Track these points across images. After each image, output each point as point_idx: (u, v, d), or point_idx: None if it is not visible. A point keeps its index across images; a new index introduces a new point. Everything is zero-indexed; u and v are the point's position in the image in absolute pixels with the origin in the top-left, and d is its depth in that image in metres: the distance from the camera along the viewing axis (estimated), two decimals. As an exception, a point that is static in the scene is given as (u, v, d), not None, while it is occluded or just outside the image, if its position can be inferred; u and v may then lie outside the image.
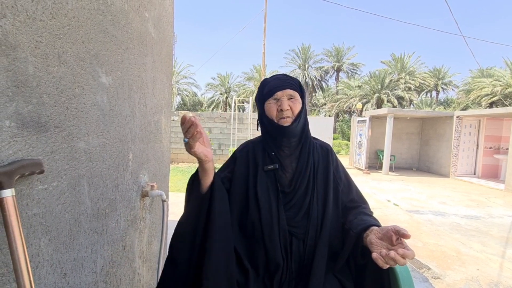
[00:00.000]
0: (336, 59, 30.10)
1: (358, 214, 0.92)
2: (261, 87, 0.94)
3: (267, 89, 0.91)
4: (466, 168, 8.72)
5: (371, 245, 0.75)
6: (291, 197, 0.90)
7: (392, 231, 0.72)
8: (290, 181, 0.92)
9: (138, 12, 1.07)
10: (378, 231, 0.77)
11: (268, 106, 0.91)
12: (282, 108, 0.87)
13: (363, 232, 0.81)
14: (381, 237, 0.75)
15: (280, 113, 0.88)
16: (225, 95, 30.36)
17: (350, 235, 0.85)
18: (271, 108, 0.90)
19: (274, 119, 0.90)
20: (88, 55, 0.80)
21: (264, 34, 11.15)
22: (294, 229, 0.87)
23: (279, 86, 0.90)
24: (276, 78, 0.93)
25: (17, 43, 0.59)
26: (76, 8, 0.74)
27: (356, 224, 0.86)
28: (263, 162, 0.93)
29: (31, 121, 0.63)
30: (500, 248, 3.15)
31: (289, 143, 0.91)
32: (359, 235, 0.82)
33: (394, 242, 0.71)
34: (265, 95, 0.92)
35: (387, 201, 5.23)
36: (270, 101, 0.90)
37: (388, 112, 8.66)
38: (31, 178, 0.64)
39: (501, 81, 20.29)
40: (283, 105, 0.87)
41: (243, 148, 0.99)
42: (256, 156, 0.94)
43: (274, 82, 0.91)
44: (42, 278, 0.68)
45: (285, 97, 0.89)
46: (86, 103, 0.80)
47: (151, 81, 1.23)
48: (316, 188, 0.91)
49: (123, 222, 1.04)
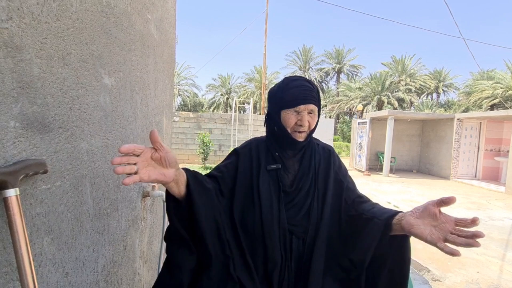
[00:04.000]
0: (337, 60, 30.16)
1: (376, 205, 0.90)
2: (281, 89, 0.89)
3: (289, 97, 0.86)
4: (467, 170, 8.71)
5: (411, 227, 0.68)
6: (293, 197, 0.90)
7: (431, 205, 0.66)
8: (292, 182, 0.92)
9: (141, 14, 1.08)
10: (415, 211, 0.70)
11: (286, 116, 0.87)
12: (302, 123, 0.85)
13: (390, 219, 0.76)
14: (420, 216, 0.68)
15: (297, 127, 0.87)
16: (226, 96, 30.41)
17: (376, 222, 0.79)
18: (290, 120, 0.86)
19: (289, 130, 0.88)
20: (91, 57, 0.81)
21: (265, 36, 11.18)
22: (294, 228, 0.87)
23: (303, 99, 0.85)
24: (300, 86, 0.87)
25: (22, 44, 0.60)
26: (80, 10, 0.75)
27: (380, 212, 0.82)
28: (266, 161, 0.92)
29: (36, 122, 0.64)
30: (500, 251, 3.14)
31: (294, 151, 0.93)
32: (387, 222, 0.76)
33: (438, 216, 0.65)
34: (286, 103, 0.87)
35: (388, 203, 5.23)
36: (290, 112, 0.86)
37: (389, 114, 8.66)
38: (35, 178, 0.65)
39: (502, 84, 20.29)
40: (303, 121, 0.85)
41: (246, 146, 0.98)
42: (260, 155, 0.94)
43: (299, 92, 0.86)
44: (44, 277, 0.69)
45: (306, 111, 0.85)
46: (89, 104, 0.81)
47: (153, 82, 1.24)
48: (317, 189, 0.92)
49: (124, 222, 1.04)
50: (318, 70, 30.63)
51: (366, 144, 9.37)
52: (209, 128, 9.85)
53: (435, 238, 0.64)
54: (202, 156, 8.74)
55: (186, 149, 9.86)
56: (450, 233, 0.63)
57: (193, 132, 9.82)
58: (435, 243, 0.63)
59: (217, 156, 9.76)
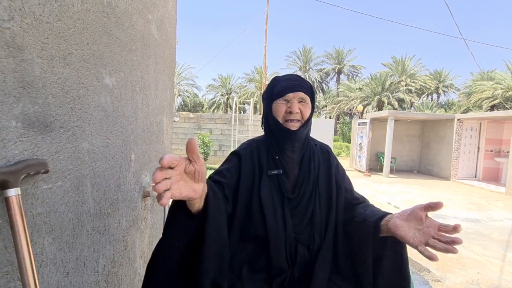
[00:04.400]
0: (337, 61, 30.16)
1: (368, 207, 0.89)
2: (271, 85, 0.91)
3: (278, 88, 0.87)
4: (467, 171, 8.70)
5: (396, 228, 0.69)
6: (296, 204, 0.88)
7: (419, 209, 0.67)
8: (293, 187, 0.90)
9: (142, 14, 1.08)
10: (402, 214, 0.71)
11: (276, 106, 0.87)
12: (291, 110, 0.84)
13: (379, 221, 0.76)
14: (407, 218, 0.69)
15: (288, 115, 0.85)
16: (226, 97, 30.42)
17: (366, 224, 0.80)
18: (279, 108, 0.86)
19: (280, 120, 0.86)
20: (92, 57, 0.81)
21: (266, 36, 11.18)
22: (299, 236, 0.85)
23: (291, 87, 0.86)
24: (288, 78, 0.89)
25: (24, 44, 0.60)
26: (81, 11, 0.75)
27: (371, 214, 0.82)
28: (267, 165, 0.89)
29: (37, 122, 0.64)
30: (500, 252, 3.14)
31: (292, 147, 0.88)
32: (376, 223, 0.77)
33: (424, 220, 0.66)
34: (274, 95, 0.87)
35: (388, 204, 5.23)
36: (280, 101, 0.86)
37: (389, 115, 8.66)
38: (36, 177, 0.65)
39: (502, 84, 20.29)
40: (293, 107, 0.84)
41: (246, 147, 0.94)
42: (261, 158, 0.90)
43: (286, 82, 0.87)
44: (45, 277, 0.69)
45: (296, 99, 0.85)
46: (90, 104, 0.81)
47: (153, 83, 1.24)
48: (318, 193, 0.90)
49: (125, 222, 1.05)
50: (318, 70, 30.64)
51: (366, 144, 9.37)
52: (209, 128, 9.85)
53: (416, 241, 0.66)
54: (202, 156, 8.71)
55: (186, 149, 9.87)
56: (432, 237, 0.65)
57: (193, 132, 9.82)
58: (416, 246, 0.65)
59: (217, 156, 9.77)
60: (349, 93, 26.38)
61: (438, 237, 0.64)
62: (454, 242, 0.62)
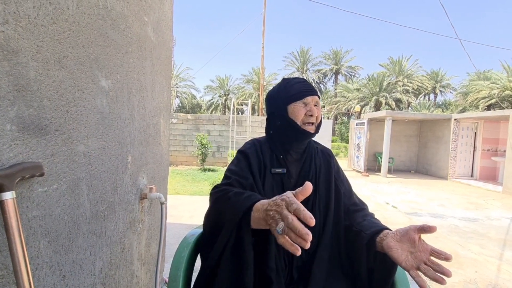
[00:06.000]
0: (335, 62, 30.27)
1: (366, 216, 0.91)
2: (283, 87, 0.92)
3: (294, 91, 0.89)
4: (464, 170, 8.75)
5: (389, 249, 0.71)
6: None
7: (413, 231, 0.68)
8: (294, 187, 0.90)
9: (138, 16, 1.08)
10: (396, 234, 0.73)
11: (295, 109, 0.88)
12: (312, 113, 0.87)
13: (375, 235, 0.78)
14: (400, 239, 0.71)
15: (307, 118, 0.88)
16: (224, 98, 30.41)
17: (362, 236, 0.82)
18: (299, 111, 0.87)
19: (299, 123, 0.88)
20: (88, 59, 0.81)
21: (263, 37, 11.21)
22: None
23: (309, 91, 0.89)
24: (301, 81, 0.92)
25: (18, 48, 0.60)
26: (76, 14, 0.75)
27: (367, 226, 0.84)
28: (271, 163, 0.91)
29: (32, 125, 0.64)
30: (498, 250, 3.16)
31: (298, 147, 0.92)
32: (372, 238, 0.79)
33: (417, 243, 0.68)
34: (291, 97, 0.89)
35: (386, 204, 5.24)
36: (298, 104, 0.88)
37: (387, 115, 8.70)
38: (32, 180, 0.65)
39: (498, 84, 20.43)
40: (313, 111, 0.87)
41: (251, 146, 0.96)
42: (264, 156, 0.92)
43: (302, 85, 0.90)
44: (41, 280, 0.69)
45: (313, 103, 0.88)
46: (86, 107, 0.81)
47: (150, 84, 1.24)
48: (318, 194, 0.91)
49: (122, 224, 1.04)
50: (316, 71, 30.72)
51: (364, 144, 9.39)
52: (207, 129, 9.84)
53: (408, 265, 0.68)
54: (201, 157, 8.73)
55: (185, 151, 9.85)
56: (424, 263, 0.67)
57: (191, 133, 9.80)
58: (408, 270, 0.68)
59: (216, 157, 9.75)
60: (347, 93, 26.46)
61: (430, 263, 0.66)
62: (444, 273, 0.64)
